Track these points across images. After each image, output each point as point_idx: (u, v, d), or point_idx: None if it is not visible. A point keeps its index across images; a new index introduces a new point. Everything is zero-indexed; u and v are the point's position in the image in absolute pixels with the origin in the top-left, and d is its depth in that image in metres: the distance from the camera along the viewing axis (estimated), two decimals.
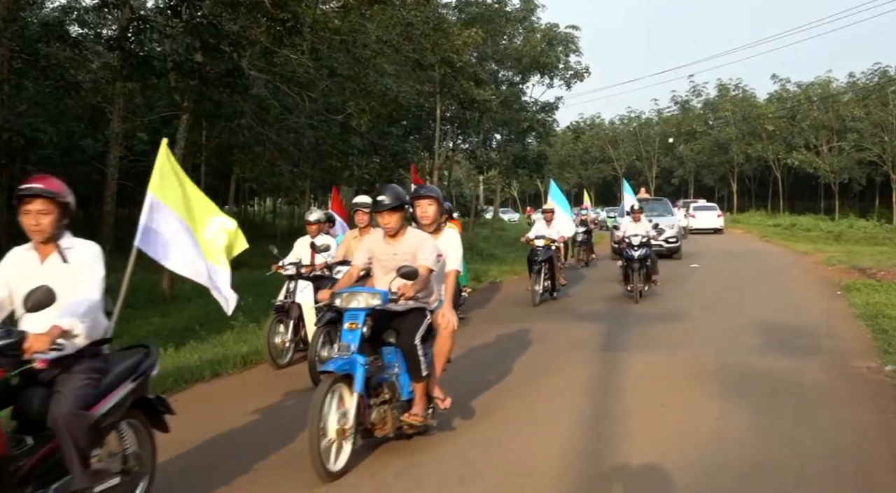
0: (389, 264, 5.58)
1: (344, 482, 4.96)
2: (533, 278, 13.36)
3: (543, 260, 13.35)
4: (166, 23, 13.90)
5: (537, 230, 14.08)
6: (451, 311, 5.62)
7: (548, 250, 13.42)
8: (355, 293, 5.38)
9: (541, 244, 13.47)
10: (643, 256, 13.54)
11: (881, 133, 46.57)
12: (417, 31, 21.45)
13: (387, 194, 5.55)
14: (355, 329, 5.19)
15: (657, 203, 25.54)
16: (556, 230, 14.35)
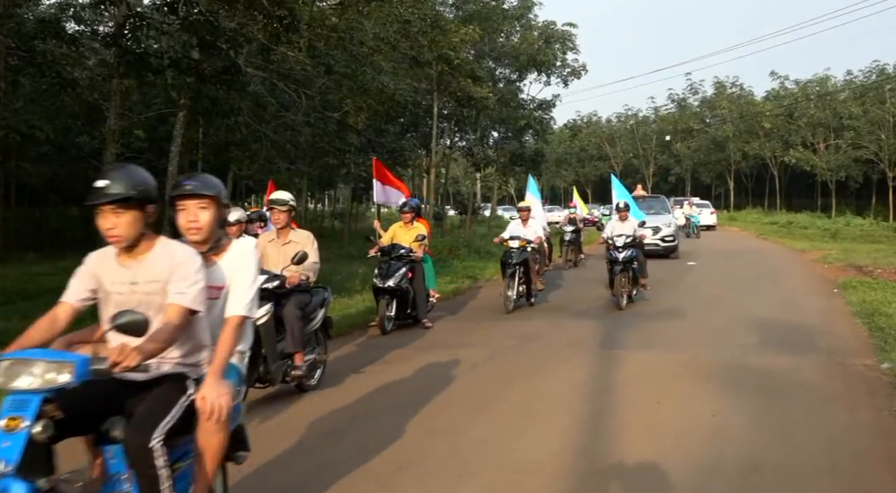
0: (126, 300, 3.35)
1: (342, 478, 4.96)
2: (506, 283, 12.36)
3: (518, 263, 12.40)
4: (163, 20, 13.86)
5: (512, 230, 13.14)
6: (219, 386, 3.29)
7: (523, 252, 12.46)
8: (25, 362, 2.91)
9: (515, 246, 12.56)
10: (628, 258, 12.53)
11: (878, 131, 46.62)
12: (415, 29, 21.43)
13: (111, 178, 3.24)
14: (16, 431, 2.78)
15: (654, 201, 24.74)
16: (533, 230, 13.34)
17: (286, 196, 7.59)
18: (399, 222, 11.25)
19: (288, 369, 6.91)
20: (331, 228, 49.96)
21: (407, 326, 10.73)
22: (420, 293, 10.67)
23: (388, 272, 10.31)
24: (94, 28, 20.77)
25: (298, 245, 7.24)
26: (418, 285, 10.66)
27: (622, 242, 12.62)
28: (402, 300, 10.47)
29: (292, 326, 6.82)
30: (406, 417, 6.37)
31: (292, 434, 5.91)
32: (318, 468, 5.16)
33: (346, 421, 6.28)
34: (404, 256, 10.58)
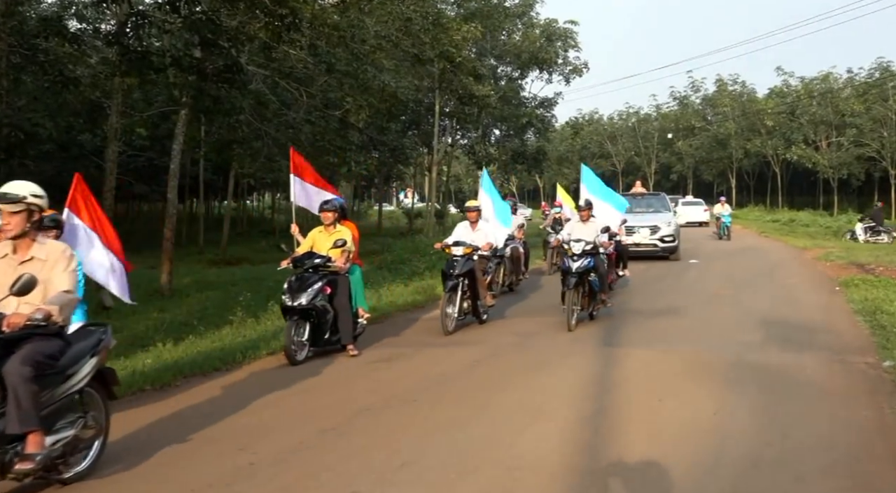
0: None
1: (343, 476, 4.97)
2: (445, 298, 10.14)
3: (461, 274, 10.25)
4: (165, 18, 13.89)
5: (457, 235, 11.19)
6: None
7: (468, 261, 10.38)
8: None
9: (459, 253, 10.40)
10: (584, 268, 10.45)
11: (880, 129, 46.59)
12: (416, 27, 21.45)
13: None
14: None
15: (654, 198, 23.28)
16: (484, 235, 11.15)
17: (22, 190, 4.78)
18: (319, 227, 9.31)
19: (11, 459, 4.42)
20: None
21: (327, 353, 8.89)
22: (344, 313, 8.82)
23: (300, 287, 8.47)
24: (96, 26, 20.81)
25: (44, 264, 4.79)
26: (341, 302, 8.81)
27: (579, 249, 10.59)
28: (319, 322, 8.63)
29: (15, 391, 4.36)
30: (406, 414, 6.38)
31: (292, 432, 5.92)
32: (319, 466, 5.17)
33: (346, 419, 6.29)
34: (321, 266, 8.72)
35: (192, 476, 5.00)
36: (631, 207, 20.98)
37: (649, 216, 20.42)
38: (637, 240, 19.35)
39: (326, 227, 9.14)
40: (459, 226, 11.52)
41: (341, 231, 9.07)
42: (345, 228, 9.21)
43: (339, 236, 8.86)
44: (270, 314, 11.39)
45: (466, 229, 11.31)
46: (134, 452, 5.54)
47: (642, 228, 19.76)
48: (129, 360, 8.51)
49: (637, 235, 19.46)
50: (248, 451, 5.45)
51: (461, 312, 10.46)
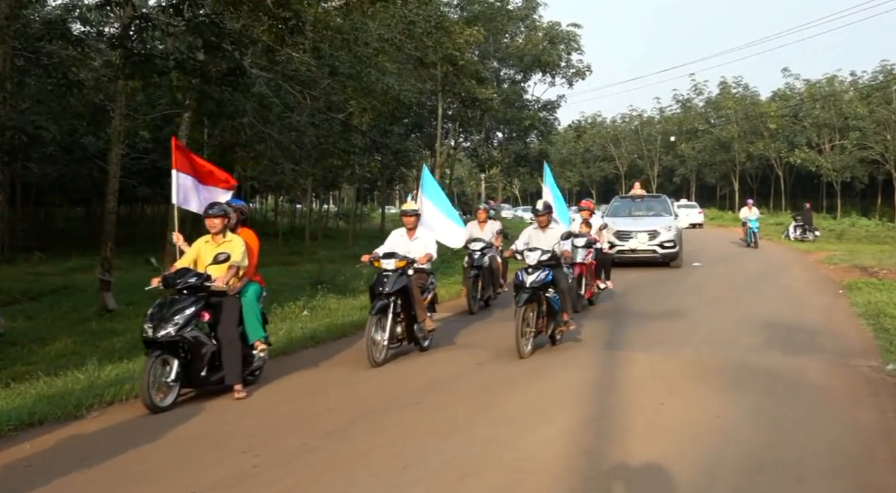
0: None
1: (346, 479, 4.98)
2: (372, 323, 8.36)
3: (392, 293, 8.53)
4: (168, 21, 13.91)
5: (391, 244, 9.40)
6: None
7: (401, 277, 8.65)
8: None
9: (390, 267, 8.67)
10: (540, 282, 8.83)
11: (884, 132, 46.54)
12: (419, 30, 21.48)
13: None
14: None
15: (654, 201, 22.13)
16: (423, 245, 9.34)
17: None
18: (206, 236, 7.52)
19: None
20: (335, 228, 50.06)
21: (205, 396, 7.16)
22: (230, 345, 7.08)
23: (167, 314, 6.76)
24: (99, 29, 20.83)
25: None
26: (226, 331, 7.10)
27: (534, 260, 9.03)
28: (192, 358, 6.83)
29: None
30: (409, 417, 6.39)
31: (295, 435, 5.92)
32: (323, 469, 5.18)
33: (348, 422, 6.29)
34: (197, 287, 6.96)
35: (195, 478, 5.01)
36: (629, 210, 20.64)
37: (648, 220, 19.55)
38: (634, 246, 18.65)
39: (214, 236, 7.38)
40: (394, 234, 9.62)
41: (231, 242, 7.34)
42: (237, 237, 7.45)
43: (227, 248, 7.21)
44: (272, 316, 11.40)
45: (402, 238, 9.53)
46: (136, 453, 5.55)
47: (640, 233, 18.80)
48: (133, 363, 8.52)
49: (634, 240, 18.69)
50: (251, 453, 5.46)
51: (394, 337, 8.76)
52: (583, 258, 12.39)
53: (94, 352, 9.45)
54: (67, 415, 6.48)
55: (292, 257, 27.94)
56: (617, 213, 20.60)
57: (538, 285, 8.84)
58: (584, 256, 12.41)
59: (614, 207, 21.39)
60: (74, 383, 7.36)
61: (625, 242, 18.63)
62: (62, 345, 11.78)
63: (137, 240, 31.59)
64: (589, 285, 12.70)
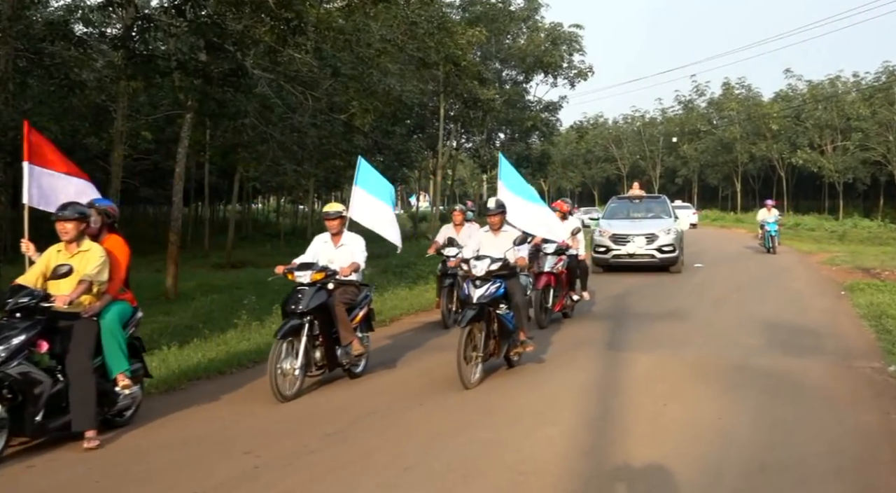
0: None
1: (347, 480, 4.98)
2: (276, 349, 6.88)
3: (307, 312, 7.14)
4: (170, 22, 13.93)
5: (313, 251, 8.04)
6: None
7: (319, 293, 7.30)
8: None
9: (306, 280, 7.33)
10: (489, 297, 7.50)
11: (886, 133, 46.51)
12: (421, 30, 21.49)
13: None
14: None
15: (653, 202, 20.91)
16: (350, 252, 7.89)
17: None
18: (59, 244, 6.14)
19: None
20: None
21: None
22: (79, 381, 5.65)
23: None
24: (102, 30, 20.84)
25: None
26: (75, 364, 5.67)
27: (482, 270, 7.64)
28: (23, 399, 5.38)
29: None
30: (411, 418, 6.38)
31: (297, 435, 5.93)
32: (324, 470, 5.18)
33: (350, 423, 6.29)
34: (31, 308, 5.58)
35: (196, 480, 5.01)
36: (627, 212, 19.75)
37: (647, 223, 18.61)
38: (631, 250, 17.75)
39: (67, 245, 6.04)
40: (317, 239, 8.19)
41: (88, 251, 6.01)
42: (96, 246, 6.08)
43: (78, 260, 5.94)
44: (276, 318, 11.39)
45: (325, 245, 8.09)
46: (139, 455, 5.55)
47: (637, 236, 17.83)
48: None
49: (632, 244, 17.77)
50: (252, 454, 5.46)
51: (313, 364, 7.35)
52: (552, 267, 11.00)
53: None
54: None
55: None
56: (614, 215, 19.74)
57: (487, 300, 7.50)
58: (553, 264, 11.05)
59: (611, 209, 20.47)
60: None
61: (621, 246, 17.86)
62: None
63: (139, 241, 31.59)
64: (559, 297, 11.24)
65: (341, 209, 8.21)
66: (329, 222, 8.04)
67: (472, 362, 7.44)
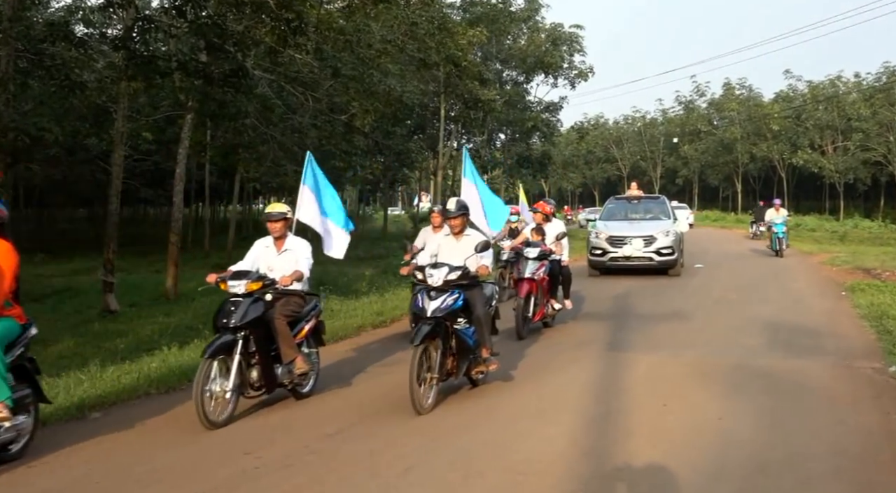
0: None
1: (348, 480, 4.98)
2: (203, 368, 6.07)
3: (241, 326, 6.34)
4: (171, 23, 13.92)
5: (250, 259, 7.21)
6: None
7: (255, 304, 6.49)
8: None
9: (240, 290, 6.50)
10: (445, 310, 6.72)
11: (887, 133, 46.51)
12: (422, 31, 21.48)
13: None
14: None
15: (652, 203, 20.19)
16: (294, 260, 7.10)
17: None
18: None
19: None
20: None
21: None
22: None
23: None
24: (102, 31, 20.86)
25: None
26: None
27: (439, 279, 6.83)
28: None
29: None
30: (411, 419, 6.37)
31: (297, 436, 5.93)
32: (325, 470, 5.18)
33: (350, 423, 6.29)
34: None
35: (197, 480, 5.02)
36: (625, 213, 19.26)
37: (644, 224, 18.11)
38: (629, 253, 17.17)
39: None
40: (258, 244, 7.34)
41: None
42: None
43: None
44: None
45: (267, 250, 7.26)
46: (139, 455, 5.55)
47: (635, 238, 17.26)
48: (135, 364, 8.52)
49: (629, 246, 17.18)
50: (253, 455, 5.46)
51: (249, 385, 6.52)
52: (532, 273, 10.25)
53: (97, 353, 9.44)
54: (70, 416, 6.49)
55: None
56: (612, 216, 19.21)
57: (444, 313, 6.69)
58: (534, 270, 10.29)
59: (609, 210, 19.89)
60: (76, 384, 7.36)
61: (618, 248, 17.28)
62: (64, 346, 11.76)
63: (140, 242, 31.62)
64: (540, 306, 10.49)
65: (286, 210, 7.28)
66: (271, 225, 7.14)
67: (426, 384, 6.57)
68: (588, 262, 17.96)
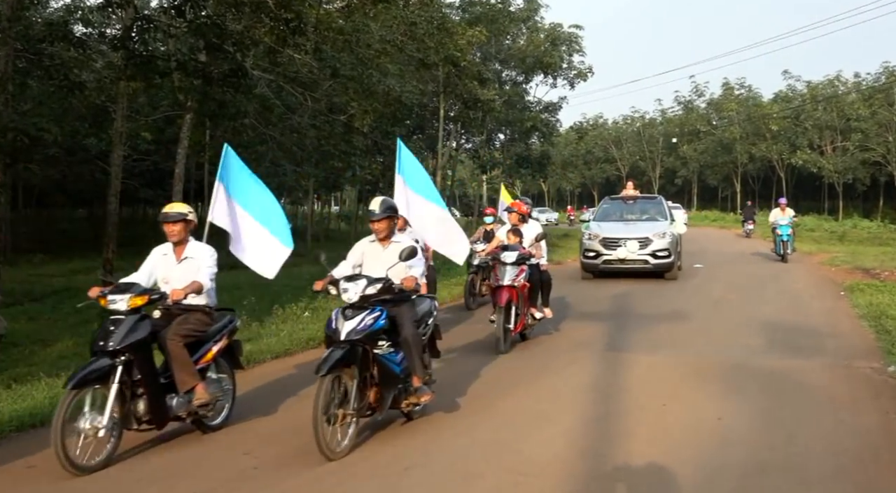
0: None
1: (348, 480, 4.98)
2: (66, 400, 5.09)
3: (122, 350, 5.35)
4: (170, 22, 13.92)
5: (146, 269, 6.20)
6: None
7: (141, 324, 5.56)
8: None
9: (122, 307, 5.52)
10: (365, 332, 5.57)
11: (886, 133, 46.50)
12: (421, 31, 21.47)
13: None
14: None
15: (648, 203, 19.46)
16: (194, 270, 6.06)
17: None
18: None
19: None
20: (338, 229, 50.06)
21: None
22: None
23: None
24: (101, 31, 20.85)
25: None
26: None
27: (356, 294, 5.68)
28: None
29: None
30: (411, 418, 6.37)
31: (296, 436, 5.92)
32: (324, 470, 5.18)
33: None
34: None
35: (196, 481, 5.01)
36: (620, 214, 18.60)
37: (640, 226, 17.39)
38: (623, 255, 16.41)
39: None
40: (156, 252, 6.27)
41: None
42: None
43: None
44: (275, 318, 11.43)
45: (165, 257, 6.24)
46: (139, 455, 5.55)
47: (629, 240, 16.48)
48: None
49: (623, 249, 16.41)
50: (252, 455, 5.46)
51: (133, 419, 5.48)
52: (511, 280, 9.19)
53: None
54: None
55: (295, 258, 27.89)
56: (606, 216, 18.48)
57: (361, 335, 5.55)
58: (513, 276, 9.23)
59: (603, 210, 19.12)
60: None
61: (612, 250, 16.50)
62: (64, 346, 11.78)
63: (139, 242, 31.58)
64: (521, 315, 9.46)
65: (186, 211, 6.19)
66: (168, 228, 6.07)
67: (338, 422, 5.42)
68: (581, 264, 17.45)
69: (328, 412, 5.31)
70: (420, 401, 6.06)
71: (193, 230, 6.26)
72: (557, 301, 13.16)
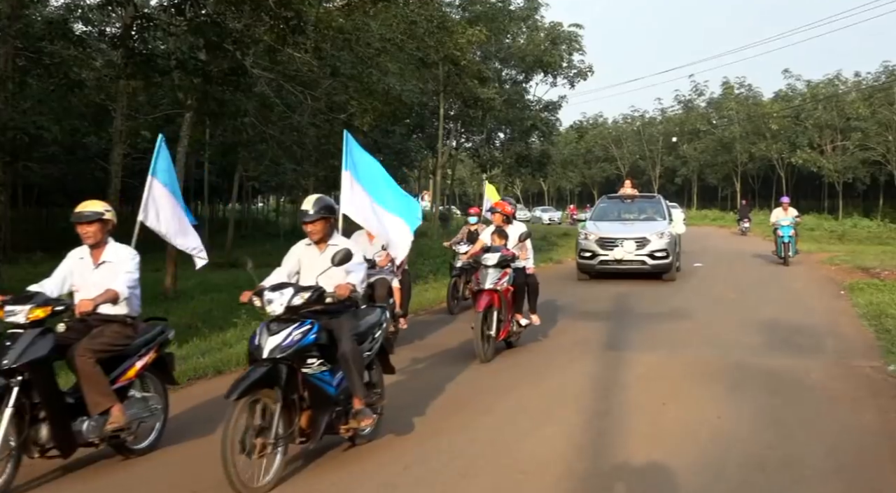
0: None
1: (347, 480, 4.97)
2: None
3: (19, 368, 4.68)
4: (170, 21, 13.92)
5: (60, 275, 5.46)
6: None
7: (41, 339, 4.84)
8: None
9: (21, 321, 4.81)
10: (288, 348, 4.85)
11: (886, 132, 46.47)
12: (421, 30, 21.49)
13: None
14: None
15: (647, 203, 19.10)
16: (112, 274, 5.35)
17: None
18: None
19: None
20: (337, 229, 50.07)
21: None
22: None
23: None
24: (101, 29, 20.86)
25: None
26: None
27: (281, 305, 4.99)
28: None
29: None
30: (411, 417, 6.37)
31: None
32: (323, 468, 5.18)
33: None
34: None
35: (195, 479, 5.00)
36: (617, 213, 18.35)
37: (638, 226, 17.13)
38: (619, 256, 16.08)
39: None
40: (71, 256, 5.54)
41: None
42: None
43: None
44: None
45: (82, 263, 5.49)
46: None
47: (626, 240, 16.18)
48: None
49: (620, 249, 16.08)
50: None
51: (34, 446, 4.84)
52: (494, 283, 8.58)
53: None
54: None
55: None
56: (603, 216, 18.16)
57: (287, 352, 4.86)
58: (495, 279, 8.61)
59: (600, 209, 18.86)
60: None
61: (609, 251, 16.20)
62: None
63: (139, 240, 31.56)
64: (505, 322, 8.84)
65: (102, 210, 5.42)
66: (81, 229, 5.38)
67: (256, 452, 4.69)
68: (577, 265, 17.18)
69: (245, 442, 4.62)
70: (361, 425, 5.26)
71: (112, 231, 5.53)
72: (558, 299, 13.22)
